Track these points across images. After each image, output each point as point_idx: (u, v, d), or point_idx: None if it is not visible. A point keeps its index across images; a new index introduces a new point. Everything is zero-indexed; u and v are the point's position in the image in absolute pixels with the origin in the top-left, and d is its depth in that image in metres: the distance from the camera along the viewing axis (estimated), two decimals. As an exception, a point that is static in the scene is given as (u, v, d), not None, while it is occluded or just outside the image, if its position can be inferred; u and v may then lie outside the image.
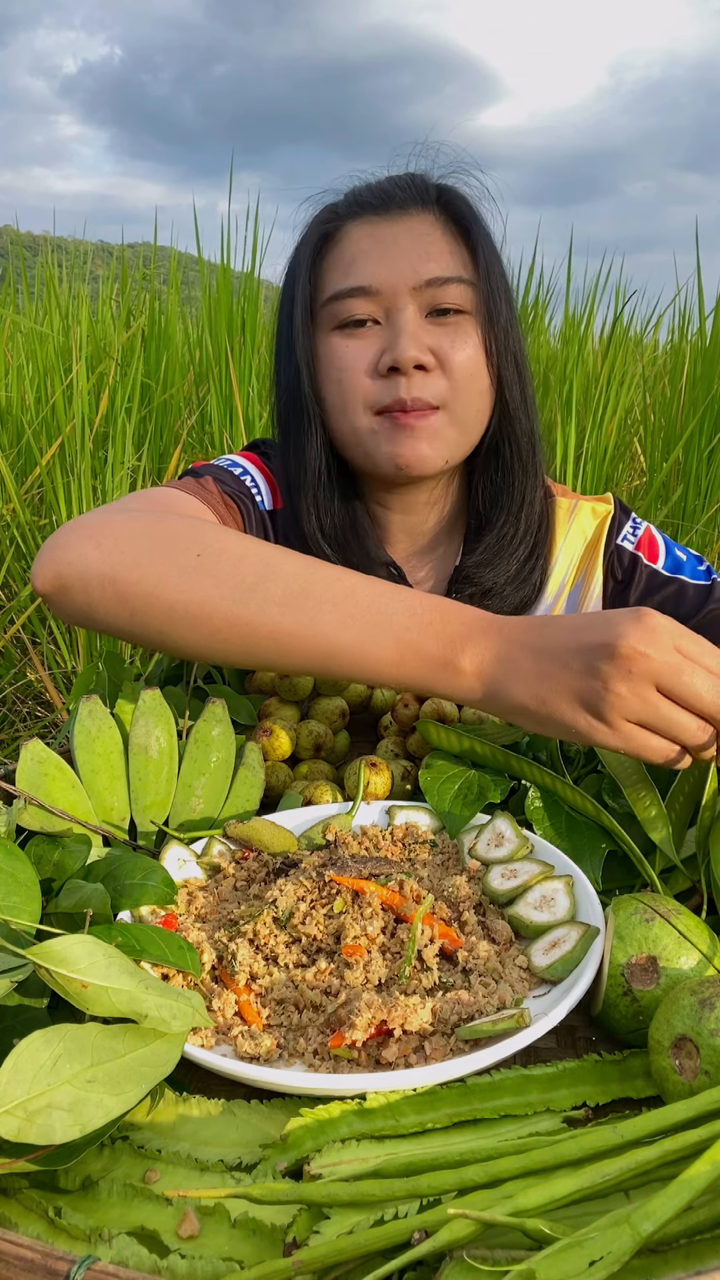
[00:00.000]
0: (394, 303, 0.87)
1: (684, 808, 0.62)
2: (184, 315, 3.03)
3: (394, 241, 0.88)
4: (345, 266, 0.89)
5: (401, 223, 0.89)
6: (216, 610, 0.66)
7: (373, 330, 0.88)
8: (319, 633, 0.64)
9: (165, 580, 0.67)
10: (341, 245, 0.90)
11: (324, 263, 0.91)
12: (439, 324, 0.88)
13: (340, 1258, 0.36)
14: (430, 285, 0.87)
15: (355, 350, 0.88)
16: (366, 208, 0.90)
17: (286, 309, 0.93)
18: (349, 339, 0.89)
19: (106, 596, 0.68)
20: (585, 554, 1.00)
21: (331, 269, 0.90)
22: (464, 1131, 0.44)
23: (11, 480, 2.18)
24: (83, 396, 2.23)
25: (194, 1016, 0.44)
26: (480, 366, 0.90)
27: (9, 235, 3.90)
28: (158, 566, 0.67)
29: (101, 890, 0.54)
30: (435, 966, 0.52)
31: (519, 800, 0.68)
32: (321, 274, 0.91)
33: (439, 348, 0.87)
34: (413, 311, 0.87)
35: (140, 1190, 0.41)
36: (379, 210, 0.90)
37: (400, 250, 0.88)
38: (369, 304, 0.88)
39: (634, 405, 2.99)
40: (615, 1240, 0.34)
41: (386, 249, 0.88)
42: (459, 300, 0.88)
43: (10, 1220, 0.40)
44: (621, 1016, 0.51)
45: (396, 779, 0.74)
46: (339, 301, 0.88)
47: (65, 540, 0.70)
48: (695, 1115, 0.40)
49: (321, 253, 0.92)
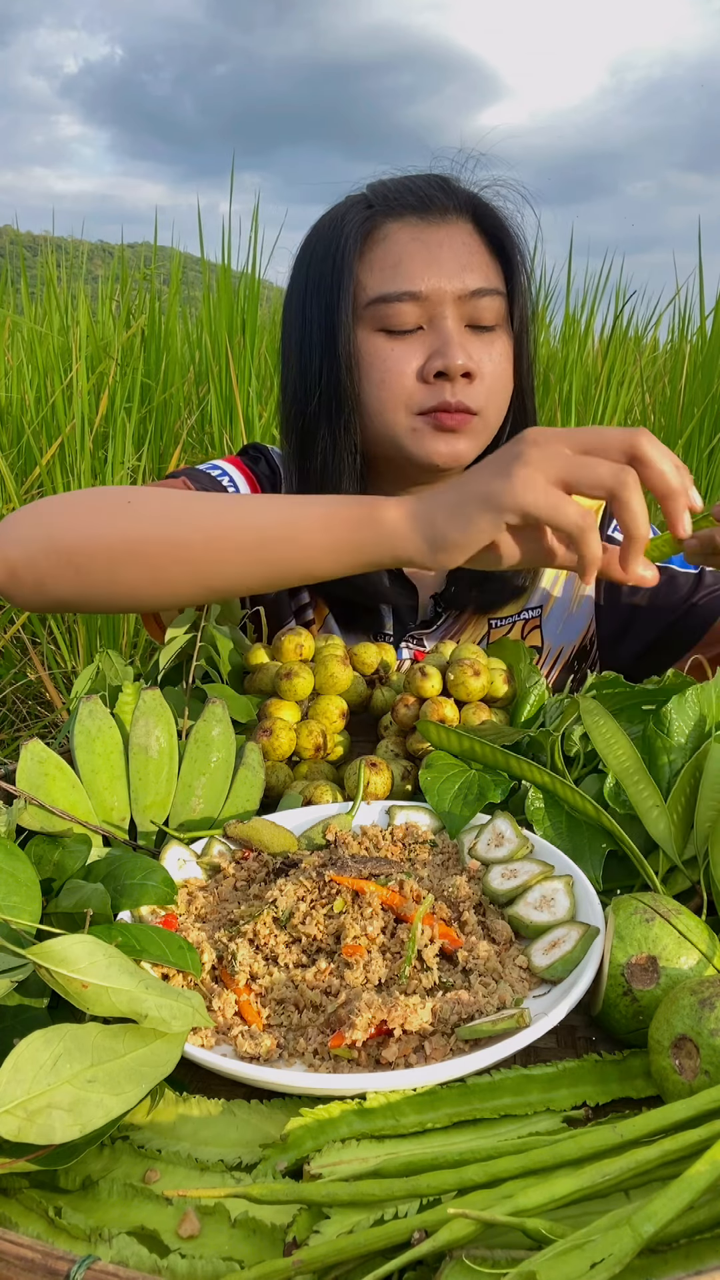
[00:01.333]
0: (439, 309, 0.89)
1: (684, 808, 0.62)
2: (184, 315, 3.03)
3: (439, 246, 0.89)
4: (391, 267, 0.89)
5: (444, 228, 0.90)
6: (152, 537, 0.71)
7: (416, 335, 0.90)
8: (249, 524, 0.70)
9: (99, 528, 0.72)
10: (385, 244, 0.90)
11: (366, 259, 0.91)
12: (476, 334, 0.91)
13: (340, 1257, 0.36)
14: (474, 296, 0.89)
15: (400, 353, 0.89)
16: (408, 209, 0.91)
17: (323, 305, 0.92)
18: (394, 341, 0.90)
19: (52, 564, 0.73)
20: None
21: (375, 267, 0.90)
22: (464, 1131, 0.44)
23: (11, 480, 2.18)
24: (82, 396, 2.23)
25: (194, 1016, 0.44)
26: (509, 376, 0.94)
27: (9, 235, 3.90)
28: (91, 519, 0.73)
29: (101, 890, 0.54)
30: (435, 966, 0.52)
31: (519, 800, 0.68)
32: (363, 271, 0.91)
33: (478, 357, 0.90)
34: (456, 320, 0.89)
35: (140, 1190, 0.41)
36: (421, 213, 0.90)
37: (446, 257, 0.89)
38: (415, 310, 0.89)
39: (634, 405, 2.99)
40: (616, 1242, 0.34)
41: (432, 254, 0.89)
42: (495, 313, 0.91)
43: (10, 1220, 0.40)
44: (621, 1016, 0.51)
45: (396, 779, 0.74)
46: (387, 304, 0.89)
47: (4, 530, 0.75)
48: (695, 1115, 0.40)
49: (363, 249, 0.91)
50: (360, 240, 0.91)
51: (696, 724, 0.66)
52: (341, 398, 0.92)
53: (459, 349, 0.88)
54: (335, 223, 0.93)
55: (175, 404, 2.71)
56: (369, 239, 0.91)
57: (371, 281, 0.90)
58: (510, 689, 0.80)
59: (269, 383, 2.76)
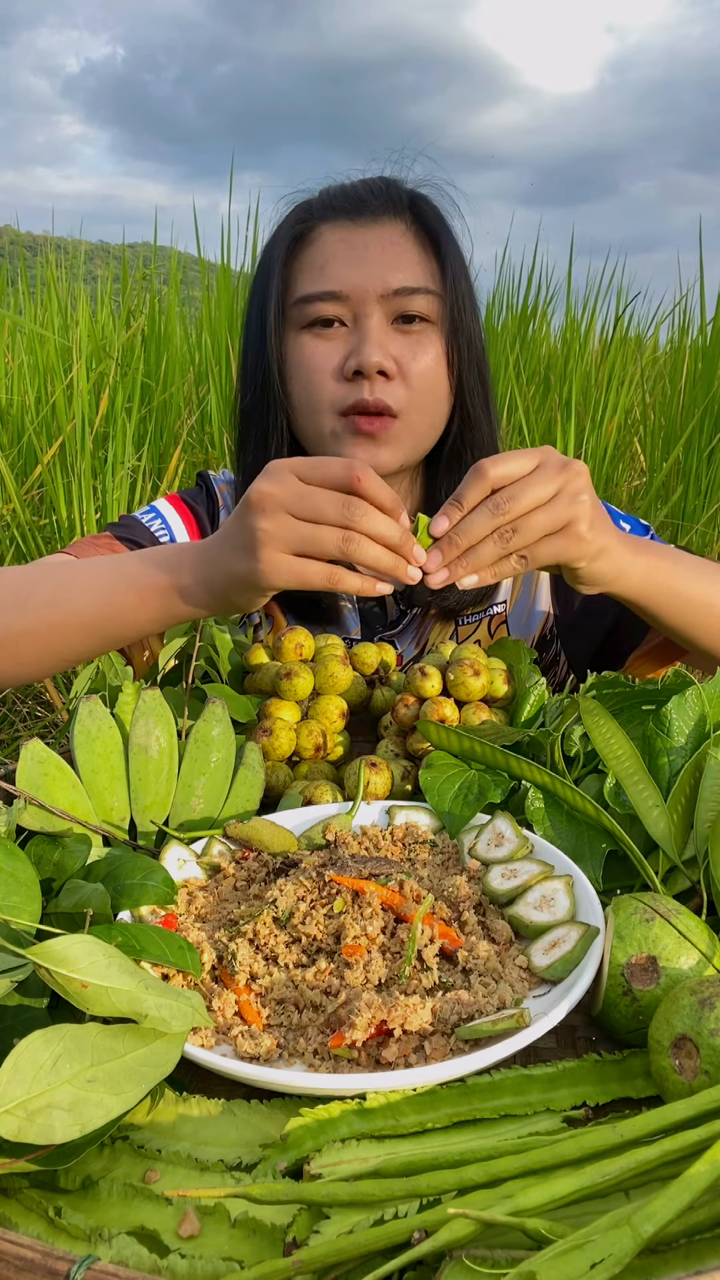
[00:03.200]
0: (362, 308, 0.90)
1: (684, 808, 0.62)
2: (184, 315, 3.03)
3: (365, 248, 0.91)
4: (318, 269, 0.91)
5: (373, 229, 0.91)
6: (8, 630, 0.76)
7: (340, 332, 0.91)
8: (79, 611, 0.75)
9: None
10: (314, 247, 0.93)
11: (296, 263, 0.94)
12: (403, 332, 0.91)
13: (340, 1257, 0.36)
14: (398, 294, 0.90)
15: (323, 352, 0.91)
16: (340, 211, 0.93)
17: (257, 306, 0.95)
18: (317, 339, 0.91)
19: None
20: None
21: (303, 270, 0.93)
22: (464, 1131, 0.44)
23: (11, 480, 2.18)
24: (83, 396, 2.23)
25: (194, 1016, 0.44)
26: (439, 375, 0.93)
27: (9, 235, 3.91)
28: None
29: (101, 890, 0.54)
30: (435, 966, 0.52)
31: (519, 800, 0.68)
32: (293, 274, 0.93)
33: (401, 356, 0.90)
34: (379, 318, 0.90)
35: (140, 1190, 0.41)
36: (352, 215, 0.92)
37: (371, 257, 0.90)
38: (338, 307, 0.91)
39: (634, 405, 2.99)
40: (616, 1242, 0.34)
41: (358, 255, 0.90)
42: (423, 310, 0.91)
43: (10, 1220, 0.40)
44: (621, 1016, 0.51)
45: (396, 779, 0.74)
46: (310, 304, 0.91)
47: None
48: (695, 1115, 0.40)
49: (294, 252, 0.94)
50: (290, 244, 0.93)
51: (696, 724, 0.66)
52: (271, 397, 0.94)
53: (375, 346, 0.89)
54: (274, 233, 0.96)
55: (175, 404, 2.71)
56: (301, 242, 0.94)
57: (299, 282, 0.93)
58: (510, 689, 0.80)
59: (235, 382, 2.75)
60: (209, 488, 1.09)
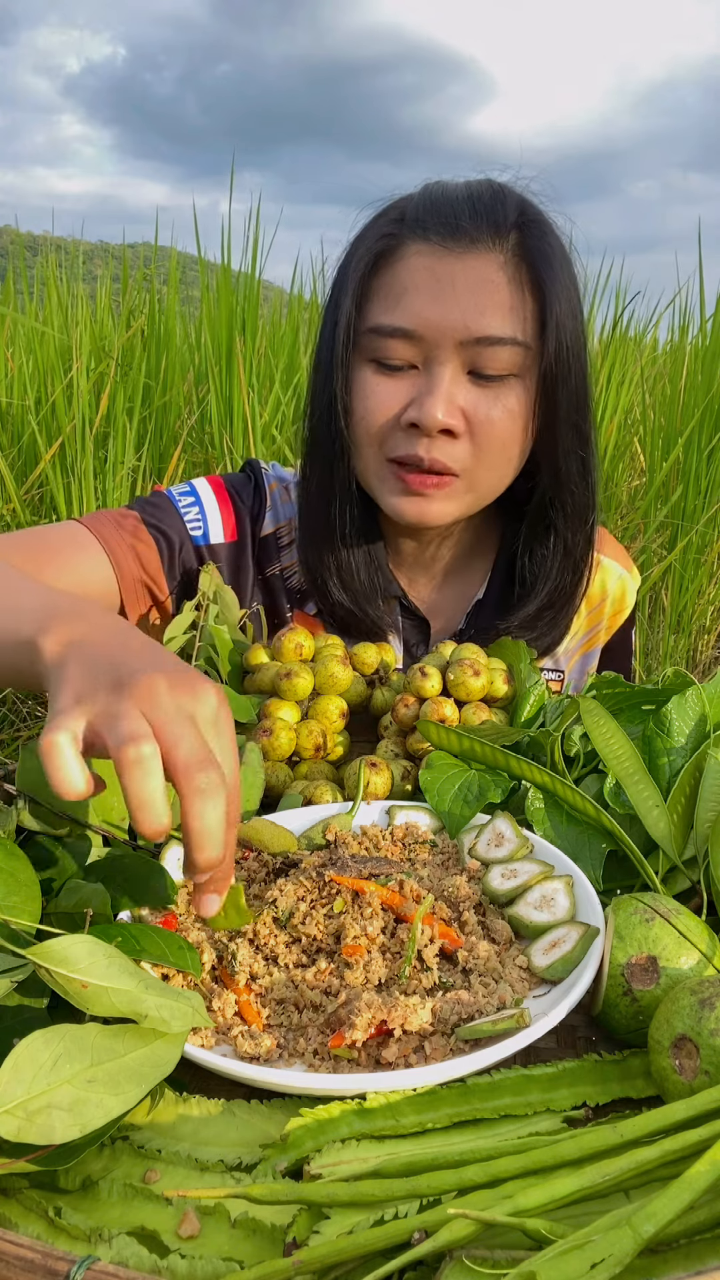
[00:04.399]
0: (436, 353, 0.80)
1: (684, 808, 0.62)
2: (184, 315, 3.03)
3: (451, 283, 0.79)
4: (395, 297, 0.81)
5: (465, 260, 0.79)
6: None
7: (409, 374, 0.82)
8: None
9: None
10: (395, 270, 0.82)
11: (375, 281, 0.83)
12: (481, 386, 0.81)
13: (340, 1258, 0.36)
14: (479, 343, 0.79)
15: (386, 391, 0.82)
16: (432, 230, 0.80)
17: (330, 324, 0.85)
18: (382, 377, 0.82)
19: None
20: (610, 614, 1.03)
21: (380, 294, 0.82)
22: (464, 1131, 0.44)
23: (11, 480, 2.18)
24: (83, 396, 2.23)
25: (194, 1017, 0.44)
26: (514, 436, 0.83)
27: (9, 235, 3.91)
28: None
29: (101, 890, 0.54)
30: (435, 966, 0.52)
31: (519, 800, 0.68)
32: (370, 294, 0.83)
33: (473, 411, 0.81)
34: (454, 368, 0.80)
35: (140, 1190, 0.41)
36: (445, 238, 0.80)
37: (456, 295, 0.79)
38: (409, 348, 0.81)
39: (634, 405, 2.99)
40: (616, 1242, 0.34)
41: (442, 290, 0.79)
42: (507, 365, 0.80)
43: (10, 1220, 0.40)
44: (621, 1016, 0.51)
45: (396, 779, 0.74)
46: (379, 337, 0.81)
47: None
48: (695, 1115, 0.40)
49: (374, 270, 0.83)
50: (372, 261, 0.82)
51: (696, 724, 0.66)
52: (335, 425, 0.85)
53: (440, 402, 0.79)
54: (360, 236, 0.85)
55: (175, 404, 2.71)
56: (385, 258, 0.82)
57: (373, 309, 0.82)
58: (510, 689, 0.80)
59: (269, 383, 2.76)
60: (258, 481, 0.99)
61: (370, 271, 0.83)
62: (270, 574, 0.98)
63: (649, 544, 2.58)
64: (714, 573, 2.55)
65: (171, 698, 0.47)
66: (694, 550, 2.50)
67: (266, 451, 2.54)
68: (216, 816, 0.45)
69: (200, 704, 0.48)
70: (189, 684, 0.49)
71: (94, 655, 0.51)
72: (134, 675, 0.47)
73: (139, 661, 0.49)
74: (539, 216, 0.83)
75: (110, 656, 0.50)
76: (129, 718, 0.45)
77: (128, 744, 0.44)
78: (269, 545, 0.98)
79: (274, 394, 2.66)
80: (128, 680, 0.47)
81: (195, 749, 0.46)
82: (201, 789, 0.45)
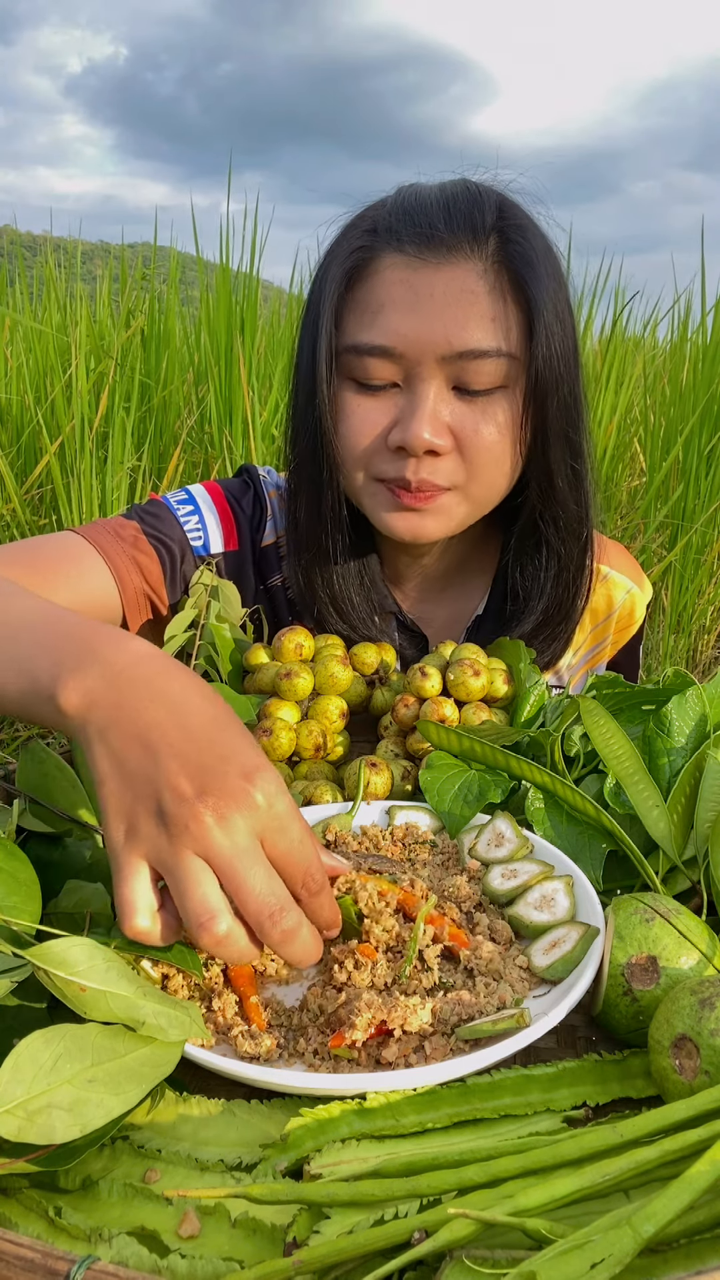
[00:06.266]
0: (418, 370, 0.77)
1: (684, 808, 0.62)
2: (183, 315, 3.03)
3: (429, 296, 0.75)
4: (372, 314, 0.77)
5: (443, 270, 0.75)
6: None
7: (391, 393, 0.79)
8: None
9: None
10: (370, 284, 0.78)
11: (350, 296, 0.80)
12: (466, 400, 0.78)
13: (340, 1257, 0.36)
14: (462, 357, 0.75)
15: (368, 412, 0.79)
16: (407, 240, 0.77)
17: (309, 342, 0.81)
18: (363, 397, 0.80)
19: None
20: (616, 629, 1.01)
21: (356, 309, 0.79)
22: (464, 1131, 0.44)
23: (11, 480, 2.18)
24: (82, 396, 2.23)
25: (191, 1027, 0.44)
26: (505, 449, 0.80)
27: (9, 235, 3.91)
28: None
29: (101, 890, 0.54)
30: (436, 967, 0.52)
31: (519, 800, 0.68)
32: (346, 310, 0.80)
33: (460, 427, 0.78)
34: (437, 385, 0.77)
35: (140, 1190, 0.41)
36: (420, 248, 0.76)
37: (435, 308, 0.75)
38: (389, 367, 0.77)
39: (633, 405, 2.99)
40: (616, 1242, 0.34)
41: (420, 303, 0.75)
42: (493, 378, 0.77)
43: (10, 1220, 0.40)
44: (621, 1016, 0.51)
45: (396, 779, 0.74)
46: (358, 356, 0.78)
47: None
48: (695, 1115, 0.40)
49: (349, 286, 0.79)
50: (345, 275, 0.79)
51: (696, 724, 0.66)
52: (320, 448, 0.82)
53: (425, 422, 0.75)
54: (333, 249, 0.81)
55: (175, 404, 2.71)
56: (359, 272, 0.79)
57: (350, 325, 0.79)
58: (510, 689, 0.80)
59: (268, 383, 2.76)
60: (257, 490, 0.96)
61: (345, 288, 0.79)
62: (272, 585, 0.97)
63: (649, 544, 2.58)
64: (714, 572, 2.56)
65: (225, 833, 0.43)
66: (694, 550, 2.50)
67: (266, 451, 2.54)
68: (305, 948, 0.46)
69: (254, 815, 0.44)
70: (235, 796, 0.44)
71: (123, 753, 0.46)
72: (179, 807, 0.43)
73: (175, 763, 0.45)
74: (520, 217, 0.79)
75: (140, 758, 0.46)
76: (191, 881, 0.43)
77: (202, 931, 0.43)
78: (269, 555, 0.96)
79: (274, 394, 2.66)
80: (173, 813, 0.43)
81: (264, 894, 0.44)
82: (283, 937, 0.45)
